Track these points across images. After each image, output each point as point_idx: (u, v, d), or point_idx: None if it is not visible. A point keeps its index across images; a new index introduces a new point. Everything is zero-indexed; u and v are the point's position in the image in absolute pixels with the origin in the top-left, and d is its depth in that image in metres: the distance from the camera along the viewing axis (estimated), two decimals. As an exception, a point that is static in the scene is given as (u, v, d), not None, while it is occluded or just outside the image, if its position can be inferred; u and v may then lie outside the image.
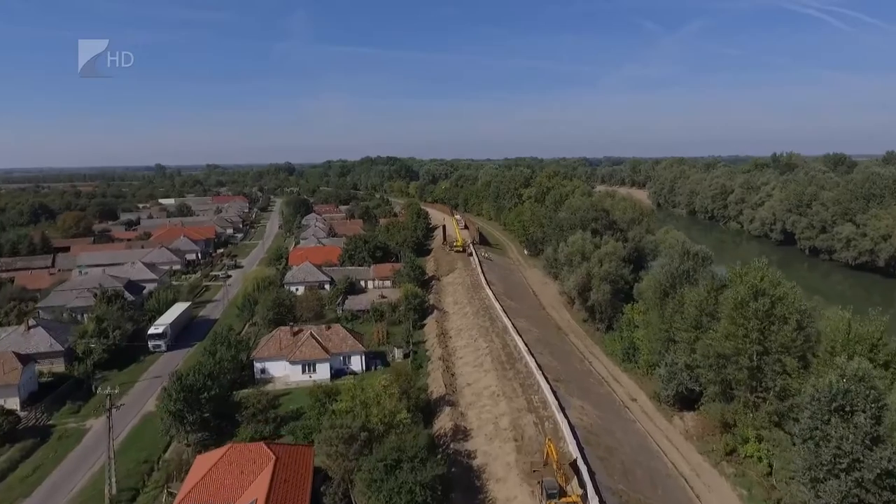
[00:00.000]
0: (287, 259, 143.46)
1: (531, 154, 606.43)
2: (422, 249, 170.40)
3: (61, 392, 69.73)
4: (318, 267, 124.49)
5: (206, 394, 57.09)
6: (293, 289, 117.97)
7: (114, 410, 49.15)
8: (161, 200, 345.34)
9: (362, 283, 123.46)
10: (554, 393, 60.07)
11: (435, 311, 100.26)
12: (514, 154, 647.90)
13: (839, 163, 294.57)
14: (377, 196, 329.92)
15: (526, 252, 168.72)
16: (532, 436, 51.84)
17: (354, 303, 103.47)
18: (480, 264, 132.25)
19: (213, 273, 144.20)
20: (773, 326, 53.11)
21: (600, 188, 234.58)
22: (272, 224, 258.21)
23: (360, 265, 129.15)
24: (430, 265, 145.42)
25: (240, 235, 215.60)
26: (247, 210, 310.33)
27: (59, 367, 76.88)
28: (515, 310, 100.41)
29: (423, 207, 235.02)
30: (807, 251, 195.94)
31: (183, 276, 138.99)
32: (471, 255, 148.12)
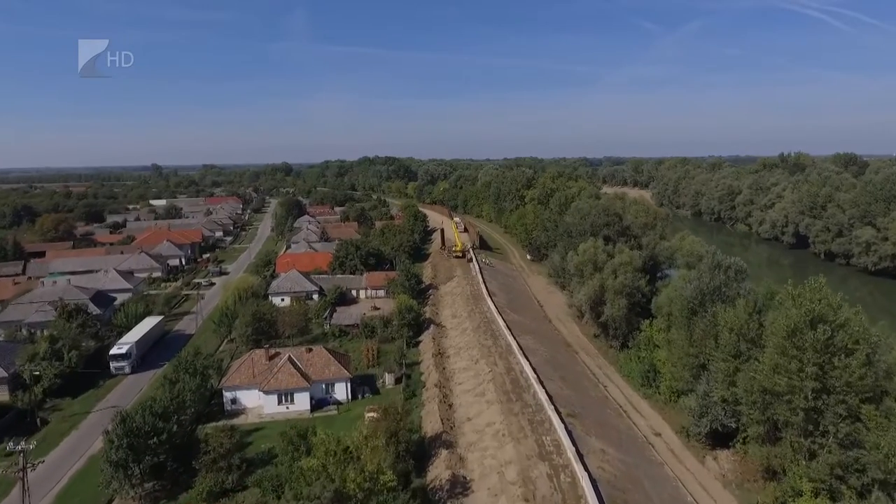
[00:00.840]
0: (275, 266, 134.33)
1: (530, 154, 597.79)
2: (419, 254, 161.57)
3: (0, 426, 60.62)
4: (306, 275, 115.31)
5: (155, 438, 47.94)
6: (279, 299, 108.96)
7: (38, 466, 40.05)
8: (152, 201, 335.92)
9: (354, 292, 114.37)
10: (569, 433, 51.08)
11: (431, 326, 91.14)
12: (513, 154, 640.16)
13: (850, 163, 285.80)
14: (374, 197, 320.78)
15: (529, 257, 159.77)
16: (546, 494, 42.78)
17: (343, 316, 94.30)
18: (481, 271, 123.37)
19: (196, 280, 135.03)
20: (834, 360, 44.17)
21: (606, 190, 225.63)
22: (265, 226, 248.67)
23: (351, 273, 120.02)
24: (427, 272, 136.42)
25: (229, 239, 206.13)
26: (239, 212, 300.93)
27: (2, 395, 67.73)
28: (520, 324, 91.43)
29: (420, 209, 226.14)
30: (822, 255, 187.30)
31: (163, 284, 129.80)
32: (470, 260, 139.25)
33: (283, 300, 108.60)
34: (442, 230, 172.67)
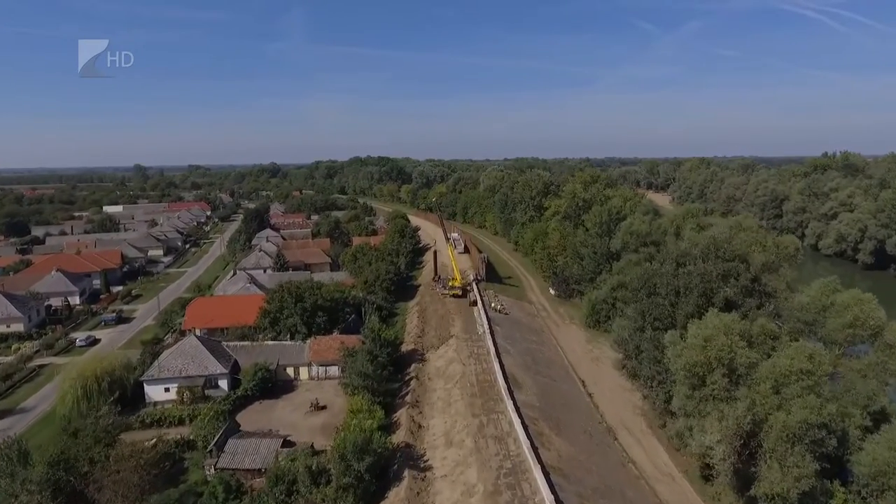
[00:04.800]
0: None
1: (531, 154, 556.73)
2: (404, 287, 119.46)
3: None
4: (213, 345, 72.16)
5: None
6: (162, 389, 66.42)
7: None
8: (106, 208, 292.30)
9: (290, 370, 71.93)
10: None
11: (406, 471, 48.25)
12: (512, 154, 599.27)
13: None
14: (361, 202, 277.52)
15: (553, 292, 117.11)
16: None
17: (241, 452, 50.43)
18: (491, 329, 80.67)
19: (73, 336, 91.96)
20: None
21: (653, 197, 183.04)
22: (224, 241, 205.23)
23: (290, 337, 76.99)
24: (411, 323, 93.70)
25: (167, 260, 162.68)
26: (203, 220, 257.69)
27: None
28: (572, 465, 48.93)
29: (411, 220, 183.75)
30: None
31: (14, 346, 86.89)
32: (474, 303, 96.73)
33: (167, 390, 66.03)
34: (435, 252, 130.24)
